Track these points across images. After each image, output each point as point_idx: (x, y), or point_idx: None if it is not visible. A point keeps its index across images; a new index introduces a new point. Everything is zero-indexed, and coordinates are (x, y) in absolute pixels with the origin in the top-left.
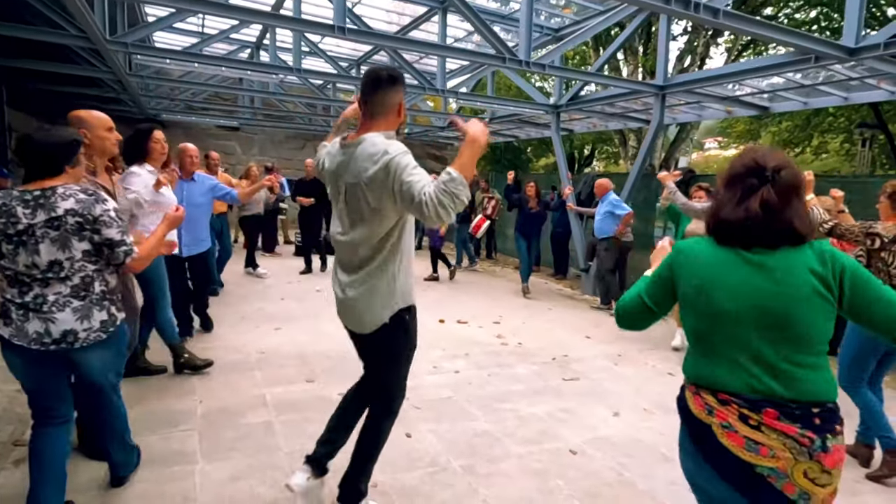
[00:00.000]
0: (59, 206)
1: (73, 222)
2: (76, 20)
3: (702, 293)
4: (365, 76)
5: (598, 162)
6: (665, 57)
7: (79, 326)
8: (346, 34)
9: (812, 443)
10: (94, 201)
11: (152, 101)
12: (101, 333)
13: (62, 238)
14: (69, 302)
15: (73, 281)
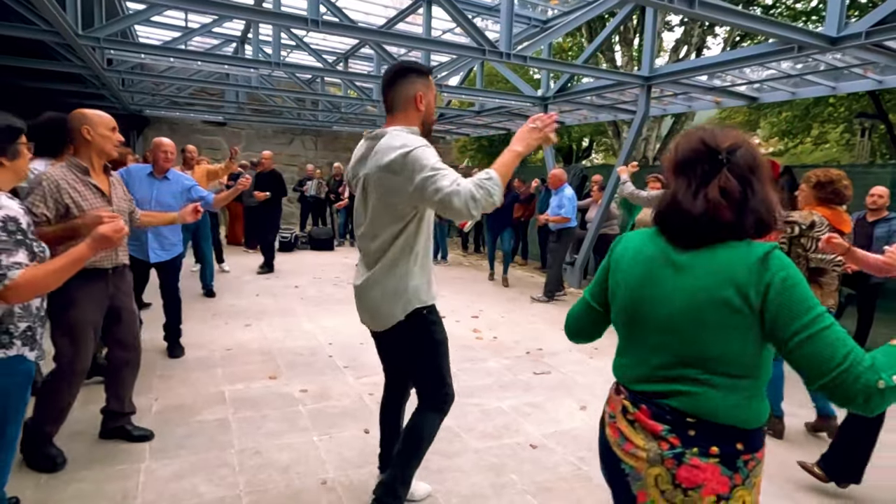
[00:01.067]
0: None
1: None
2: (43, 14)
3: (619, 287)
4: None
5: (597, 154)
6: (651, 48)
7: None
8: (321, 27)
9: (670, 447)
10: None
11: (135, 96)
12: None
13: None
14: None
15: None
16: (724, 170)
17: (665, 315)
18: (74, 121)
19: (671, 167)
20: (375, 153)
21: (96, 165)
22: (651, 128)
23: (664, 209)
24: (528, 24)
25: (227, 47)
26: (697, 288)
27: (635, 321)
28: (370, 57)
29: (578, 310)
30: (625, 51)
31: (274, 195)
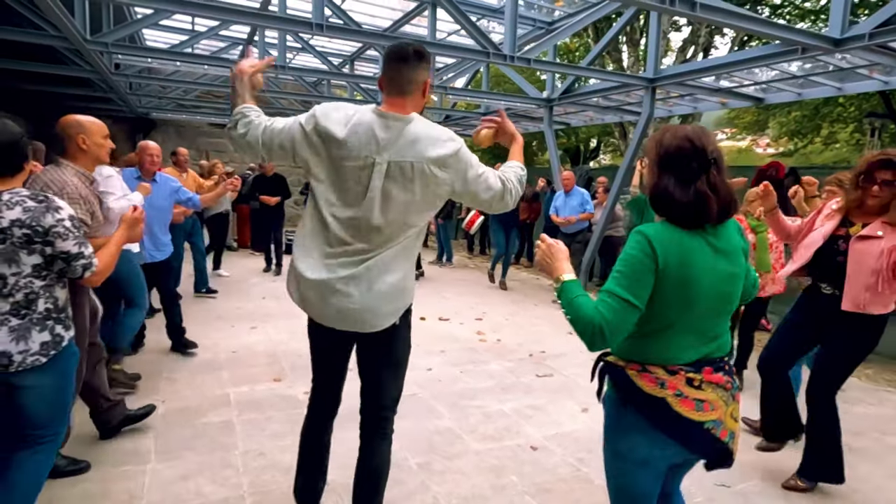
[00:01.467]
0: (4, 217)
1: (20, 234)
2: (51, 20)
3: (683, 281)
4: (389, 51)
5: (605, 154)
6: (655, 49)
7: (13, 348)
8: (326, 31)
9: (732, 385)
10: (44, 210)
11: (142, 99)
12: (40, 357)
13: (9, 252)
14: (7, 320)
15: (16, 297)
16: (713, 167)
17: (718, 290)
18: (70, 129)
19: (657, 160)
20: (410, 139)
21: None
22: (657, 128)
23: (658, 200)
24: (533, 26)
25: (234, 50)
26: (736, 264)
27: (690, 304)
28: (376, 59)
29: (621, 316)
30: (631, 51)
31: (281, 198)
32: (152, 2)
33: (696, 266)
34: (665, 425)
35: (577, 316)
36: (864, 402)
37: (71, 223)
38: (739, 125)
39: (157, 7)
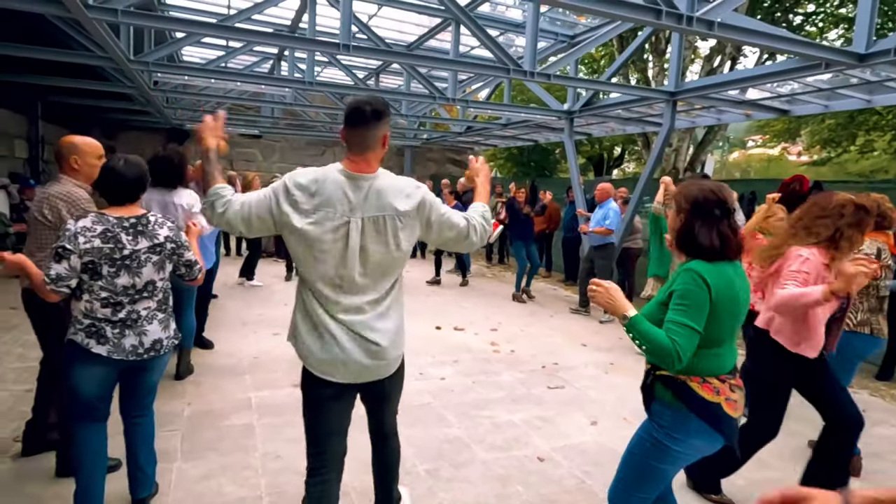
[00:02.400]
0: (159, 234)
1: (169, 248)
2: (99, 42)
3: (732, 305)
4: (348, 112)
5: (629, 162)
6: (677, 64)
7: (163, 335)
8: (352, 51)
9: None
10: (178, 229)
11: (177, 112)
12: (175, 339)
13: (160, 262)
14: (156, 315)
15: (159, 296)
16: (733, 215)
17: (745, 308)
18: (64, 149)
19: (688, 208)
20: (379, 195)
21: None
22: (682, 138)
23: (688, 241)
24: (555, 40)
25: (265, 64)
26: (747, 284)
27: (735, 322)
28: (400, 72)
29: (690, 341)
30: (656, 61)
31: None
32: (190, 26)
33: (735, 288)
34: (720, 425)
35: (654, 346)
36: (887, 424)
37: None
38: (770, 133)
39: (191, 31)
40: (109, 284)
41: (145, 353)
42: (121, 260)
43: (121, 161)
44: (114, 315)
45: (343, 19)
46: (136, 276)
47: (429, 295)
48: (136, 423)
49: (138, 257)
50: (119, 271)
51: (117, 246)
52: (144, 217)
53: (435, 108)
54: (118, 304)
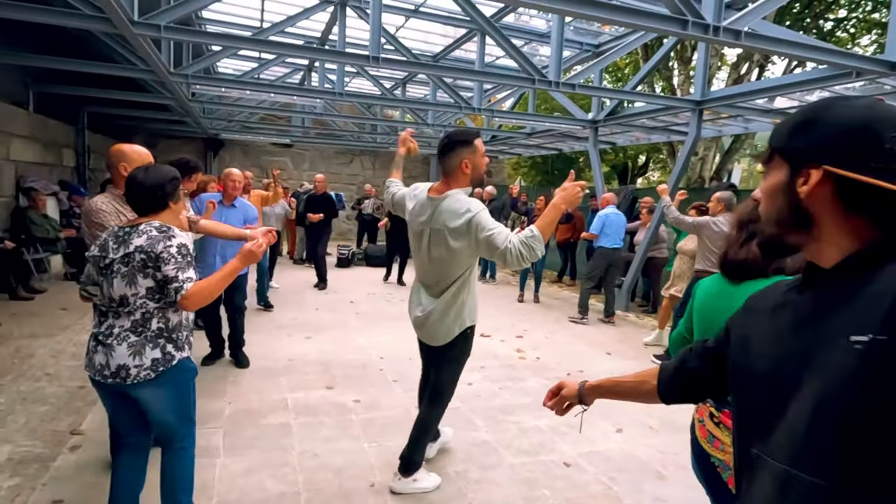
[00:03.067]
0: (132, 243)
1: (139, 259)
2: (143, 56)
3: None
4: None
5: (654, 171)
6: (703, 73)
7: (130, 362)
8: (381, 63)
9: None
10: (161, 238)
11: (213, 122)
12: (151, 372)
13: (130, 274)
14: (127, 336)
15: (135, 316)
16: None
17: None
18: (113, 157)
19: (734, 223)
20: (440, 213)
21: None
22: (708, 147)
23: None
24: (580, 49)
25: (296, 75)
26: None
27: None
28: (426, 82)
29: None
30: (682, 69)
31: (326, 215)
32: (227, 40)
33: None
34: (693, 444)
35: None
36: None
37: (177, 250)
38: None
39: (226, 45)
40: (103, 294)
41: (111, 376)
42: (105, 268)
43: (142, 170)
44: (97, 326)
45: (373, 32)
46: (110, 287)
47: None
48: (163, 454)
49: (112, 267)
50: (105, 280)
51: (103, 254)
52: (137, 225)
53: (461, 118)
54: (102, 315)
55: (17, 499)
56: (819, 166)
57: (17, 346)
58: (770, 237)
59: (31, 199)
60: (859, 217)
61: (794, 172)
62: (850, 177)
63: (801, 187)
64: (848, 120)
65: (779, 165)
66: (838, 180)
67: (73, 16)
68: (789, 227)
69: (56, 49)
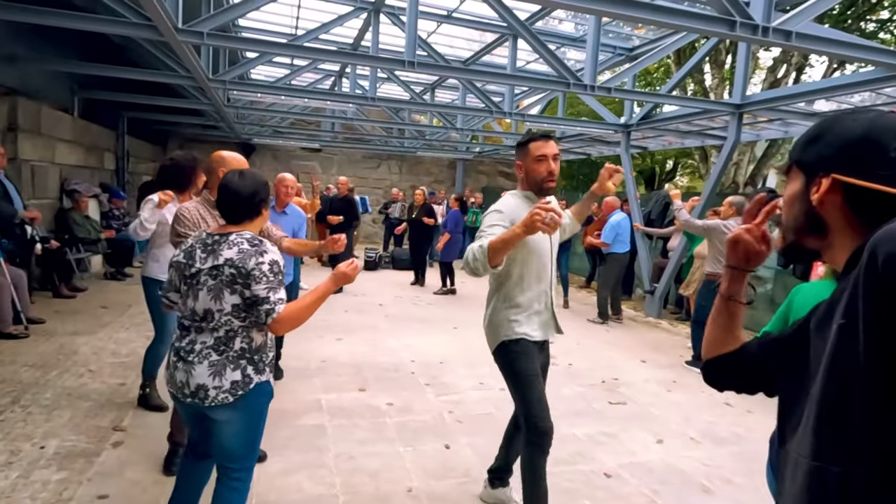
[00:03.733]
0: (222, 254)
1: (228, 273)
2: (185, 64)
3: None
4: None
5: (682, 177)
6: (744, 76)
7: (210, 383)
8: (416, 68)
9: None
10: (253, 252)
11: (245, 127)
12: (229, 395)
13: (217, 288)
14: (209, 354)
15: (219, 333)
16: None
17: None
18: (214, 163)
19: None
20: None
21: None
22: (742, 152)
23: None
24: (612, 53)
25: (326, 81)
26: None
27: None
28: (456, 87)
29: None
30: (715, 72)
31: (347, 218)
32: (265, 46)
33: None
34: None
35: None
36: None
37: (269, 268)
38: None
39: (264, 51)
40: (183, 304)
41: (189, 395)
42: (189, 278)
43: (236, 175)
44: (178, 340)
45: (408, 37)
46: (195, 300)
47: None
48: (218, 481)
49: (199, 277)
50: (188, 290)
51: (189, 262)
52: (227, 235)
53: (489, 122)
54: (184, 329)
55: (64, 492)
56: (828, 175)
57: (61, 343)
58: (791, 243)
59: (75, 200)
60: (867, 222)
61: (808, 182)
62: (856, 184)
63: (813, 195)
64: (854, 131)
65: (796, 176)
66: (847, 188)
67: (121, 24)
68: (806, 233)
69: (98, 56)
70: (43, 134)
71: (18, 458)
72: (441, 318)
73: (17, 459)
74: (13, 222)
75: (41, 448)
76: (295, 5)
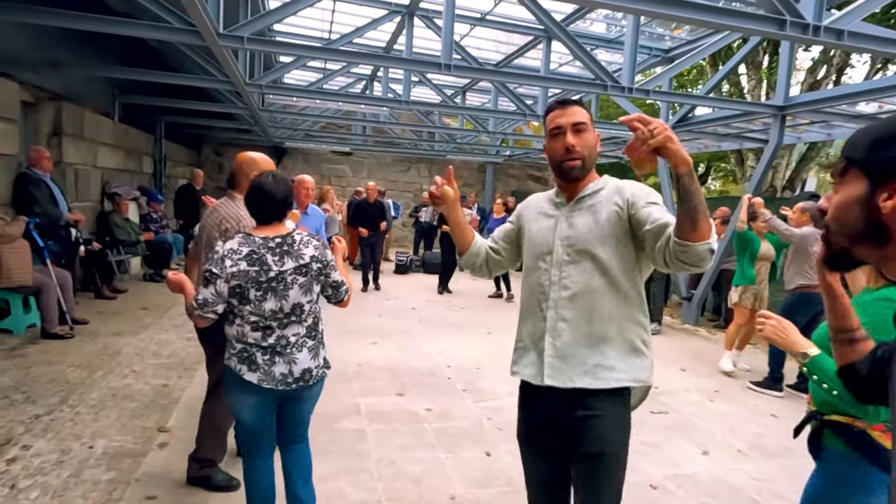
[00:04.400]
0: (305, 254)
1: (316, 268)
2: (224, 69)
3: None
4: None
5: (715, 181)
6: (786, 76)
7: (312, 364)
8: (452, 70)
9: None
10: (321, 246)
11: (278, 130)
12: (325, 369)
13: (308, 283)
14: (305, 342)
15: (308, 322)
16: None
17: None
18: (244, 165)
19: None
20: None
21: None
22: (781, 155)
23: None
24: (648, 54)
25: (358, 85)
26: None
27: None
28: (488, 90)
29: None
30: (752, 73)
31: (378, 222)
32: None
33: None
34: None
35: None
36: None
37: (332, 257)
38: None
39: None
40: (257, 309)
41: (294, 382)
42: (267, 283)
43: (269, 177)
44: (263, 340)
45: (445, 39)
46: (282, 300)
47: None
48: (291, 449)
49: (284, 279)
50: (266, 294)
51: (263, 268)
52: (290, 236)
53: (519, 125)
54: (268, 328)
55: (114, 492)
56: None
57: (105, 344)
58: (840, 250)
59: (115, 203)
60: None
61: (875, 187)
62: None
63: (883, 202)
64: None
65: (855, 178)
66: None
67: (164, 29)
68: (862, 241)
69: (137, 61)
70: (86, 138)
71: (69, 457)
72: (475, 323)
73: (68, 458)
74: (59, 224)
75: (90, 448)
76: (329, 10)
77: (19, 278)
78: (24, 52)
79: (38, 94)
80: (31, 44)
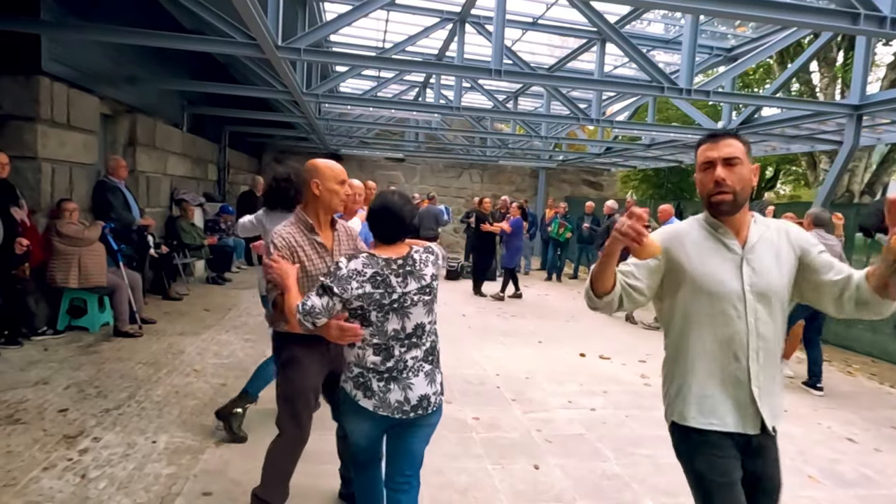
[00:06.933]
0: (426, 274)
1: (436, 286)
2: (282, 80)
3: None
4: None
5: (784, 185)
6: (863, 74)
7: (429, 390)
8: (503, 76)
9: None
10: (434, 260)
11: (334, 138)
12: (441, 396)
13: (430, 303)
14: (422, 366)
15: (426, 345)
16: None
17: None
18: (307, 173)
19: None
20: None
21: (322, 221)
22: (858, 157)
23: None
24: (709, 54)
25: (411, 92)
26: None
27: None
28: (540, 94)
29: None
30: (825, 71)
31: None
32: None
33: None
34: None
35: None
36: None
37: None
38: None
39: (355, 64)
40: (379, 331)
41: (411, 410)
42: (392, 304)
43: (395, 196)
44: (382, 364)
45: (495, 45)
46: (405, 319)
47: (568, 321)
48: (399, 491)
49: (406, 300)
50: (388, 315)
51: (387, 290)
52: (410, 256)
53: (573, 129)
54: (388, 350)
55: (173, 486)
56: None
57: (170, 343)
58: None
59: (182, 209)
60: None
61: None
62: None
63: None
64: None
65: None
66: None
67: (227, 44)
68: None
69: (204, 75)
70: (157, 147)
71: (134, 450)
72: (525, 332)
73: (133, 452)
74: (132, 229)
75: (153, 442)
76: (383, 19)
77: (95, 279)
78: (104, 69)
79: (116, 107)
80: (109, 60)
